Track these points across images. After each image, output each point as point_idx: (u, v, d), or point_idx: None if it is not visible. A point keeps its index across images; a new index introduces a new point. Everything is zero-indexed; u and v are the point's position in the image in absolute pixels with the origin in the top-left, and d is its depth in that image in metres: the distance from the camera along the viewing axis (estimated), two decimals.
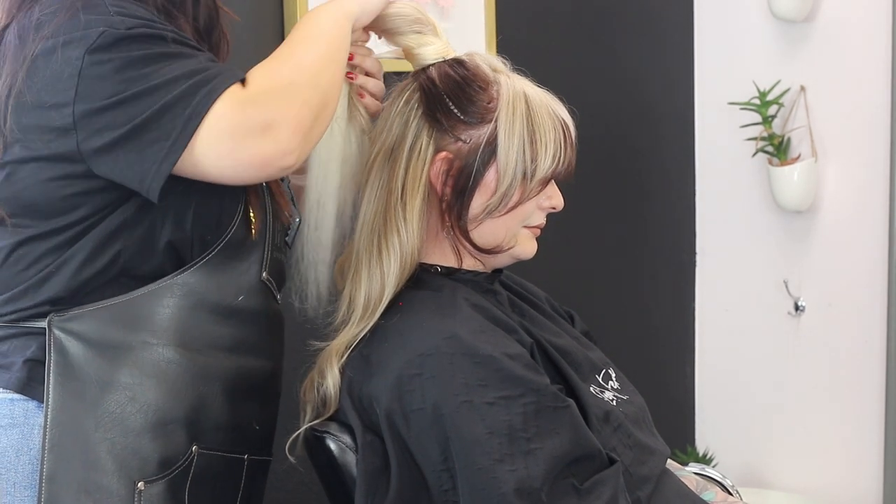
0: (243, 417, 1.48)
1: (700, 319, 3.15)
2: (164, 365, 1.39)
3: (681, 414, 3.15)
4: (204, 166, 1.31)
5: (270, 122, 1.31)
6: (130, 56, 1.29)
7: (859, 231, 2.86)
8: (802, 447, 3.00)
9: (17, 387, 1.37)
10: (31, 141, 1.34)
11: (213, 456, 1.44)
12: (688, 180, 3.10)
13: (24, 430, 1.37)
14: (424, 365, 1.43)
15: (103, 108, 1.29)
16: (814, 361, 2.96)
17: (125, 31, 1.30)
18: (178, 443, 1.40)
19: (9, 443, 1.37)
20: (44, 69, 1.31)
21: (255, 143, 1.30)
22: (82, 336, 1.37)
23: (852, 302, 2.89)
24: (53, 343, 1.36)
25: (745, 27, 2.97)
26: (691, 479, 1.71)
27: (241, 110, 1.30)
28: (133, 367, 1.37)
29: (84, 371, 1.36)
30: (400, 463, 1.43)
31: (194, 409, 1.41)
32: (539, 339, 1.54)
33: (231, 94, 1.30)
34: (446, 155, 1.52)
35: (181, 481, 1.41)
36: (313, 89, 1.37)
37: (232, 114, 1.29)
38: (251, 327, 1.48)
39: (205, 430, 1.43)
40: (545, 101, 1.55)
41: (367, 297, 1.52)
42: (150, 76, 1.29)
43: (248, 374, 1.48)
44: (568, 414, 1.44)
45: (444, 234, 1.55)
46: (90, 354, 1.36)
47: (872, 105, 2.80)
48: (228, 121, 1.29)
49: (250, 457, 1.51)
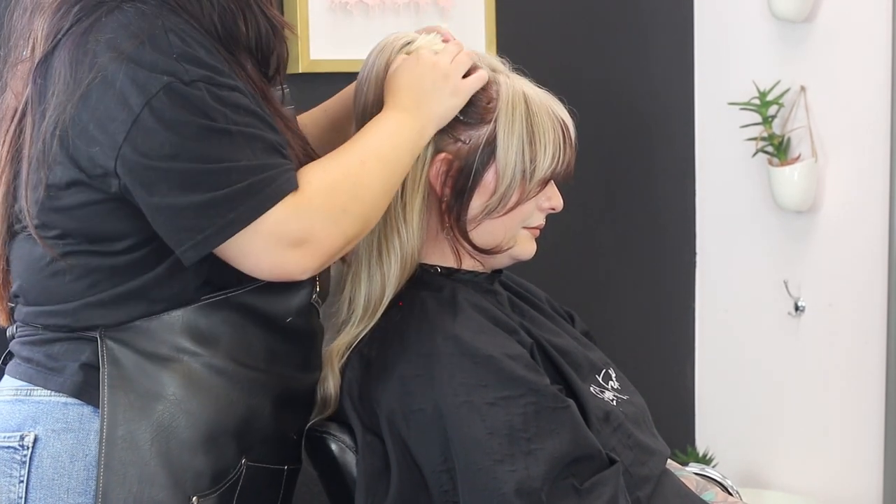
0: (286, 428, 1.49)
1: (700, 319, 3.15)
2: (214, 378, 1.38)
3: (681, 414, 3.14)
4: (228, 254, 1.30)
5: (305, 241, 1.30)
6: (190, 122, 1.25)
7: (859, 231, 2.85)
8: (802, 447, 2.99)
9: (72, 391, 1.35)
10: (71, 168, 1.31)
11: (258, 469, 1.44)
12: (688, 180, 3.10)
13: (80, 435, 1.35)
14: (425, 365, 1.43)
15: (150, 168, 1.26)
16: (814, 361, 2.96)
17: (188, 89, 1.25)
18: (230, 456, 1.40)
19: (63, 448, 1.35)
20: (97, 104, 1.26)
21: (283, 254, 1.30)
22: (134, 346, 1.35)
23: (852, 302, 2.89)
24: (107, 353, 1.34)
25: (744, 27, 2.97)
26: (691, 479, 1.71)
27: (284, 221, 1.28)
28: (185, 379, 1.36)
29: (138, 382, 1.35)
30: (400, 463, 1.43)
31: (245, 422, 1.41)
32: (539, 340, 1.54)
33: (285, 202, 1.29)
34: (445, 156, 1.52)
35: (230, 494, 1.41)
36: (360, 219, 1.36)
37: (275, 220, 1.28)
38: (297, 344, 1.48)
39: (253, 443, 1.42)
40: (545, 102, 1.55)
41: (367, 297, 1.52)
42: (205, 158, 1.25)
43: (291, 387, 1.48)
44: (568, 414, 1.44)
45: (444, 235, 1.55)
46: (143, 364, 1.35)
47: (872, 105, 2.79)
48: (270, 225, 1.28)
49: (289, 467, 1.51)
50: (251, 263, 1.31)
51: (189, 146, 1.25)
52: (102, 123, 1.27)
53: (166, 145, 1.25)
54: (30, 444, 1.36)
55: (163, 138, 1.25)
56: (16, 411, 1.37)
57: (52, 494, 1.35)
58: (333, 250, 1.34)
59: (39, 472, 1.35)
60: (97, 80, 1.26)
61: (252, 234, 1.27)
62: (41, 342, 1.39)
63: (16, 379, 1.40)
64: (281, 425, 1.47)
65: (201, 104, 1.26)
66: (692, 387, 3.17)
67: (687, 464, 2.05)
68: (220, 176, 1.25)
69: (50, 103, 1.30)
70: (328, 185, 1.34)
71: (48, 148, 1.30)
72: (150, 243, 1.34)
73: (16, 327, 1.44)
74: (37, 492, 1.35)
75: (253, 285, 1.39)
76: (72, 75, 1.28)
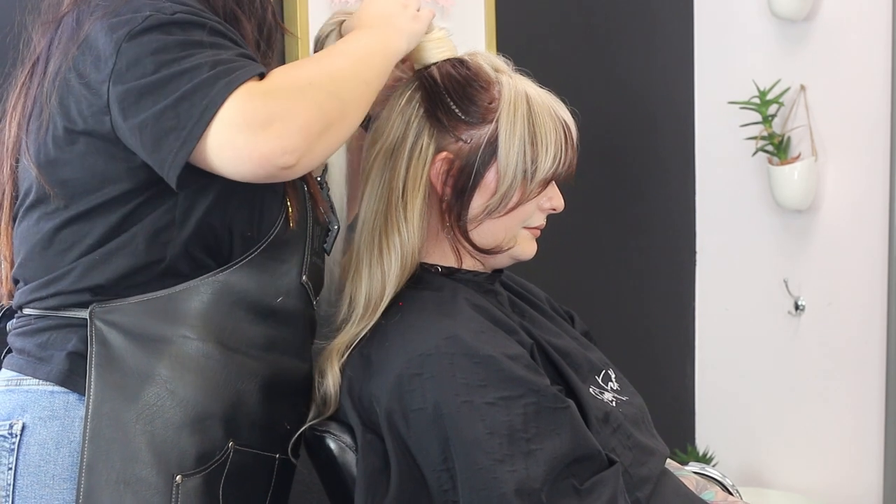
0: (277, 416, 1.49)
1: (700, 319, 3.15)
2: (202, 360, 1.40)
3: (681, 414, 3.15)
4: (209, 157, 1.28)
5: (275, 117, 1.27)
6: (167, 40, 1.29)
7: (859, 230, 2.85)
8: (802, 447, 3.00)
9: (58, 379, 1.38)
10: (72, 118, 1.34)
11: (247, 453, 1.45)
12: (688, 180, 3.10)
13: (65, 422, 1.38)
14: (425, 365, 1.43)
15: (133, 89, 1.28)
16: (814, 361, 2.96)
17: (169, 17, 1.30)
18: (216, 438, 1.41)
19: (49, 435, 1.38)
20: (93, 49, 1.32)
21: (255, 136, 1.26)
22: (123, 328, 1.37)
23: (852, 301, 2.89)
24: (95, 334, 1.37)
25: (744, 26, 2.97)
26: (691, 478, 1.71)
27: (249, 101, 1.27)
28: (172, 361, 1.38)
29: (125, 363, 1.37)
30: (400, 463, 1.43)
31: (232, 406, 1.42)
32: (539, 340, 1.54)
33: (246, 87, 1.27)
34: (447, 155, 1.52)
35: (217, 477, 1.42)
36: (331, 95, 1.33)
37: (241, 105, 1.26)
38: (288, 328, 1.49)
39: (241, 427, 1.44)
40: (547, 102, 1.55)
41: (367, 296, 1.52)
42: (180, 61, 1.28)
43: (283, 374, 1.49)
44: (568, 415, 1.44)
45: (445, 234, 1.56)
46: (131, 346, 1.37)
47: (872, 105, 2.80)
48: (235, 111, 1.26)
49: (281, 456, 1.52)
50: (229, 157, 1.28)
51: (167, 59, 1.28)
52: (96, 64, 1.31)
53: (149, 65, 1.28)
54: (18, 431, 1.38)
55: (143, 60, 1.28)
56: (6, 401, 1.40)
57: (38, 481, 1.38)
58: (313, 125, 1.29)
59: (26, 459, 1.38)
60: (92, 29, 1.33)
61: (220, 124, 1.26)
62: (33, 332, 1.41)
63: (9, 370, 1.43)
64: (271, 412, 1.47)
65: (181, 25, 1.30)
66: (692, 386, 3.17)
67: (687, 463, 2.05)
68: (192, 72, 1.27)
69: (54, 53, 1.37)
70: (289, 68, 1.36)
71: (49, 98, 1.35)
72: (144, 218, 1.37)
73: (14, 321, 1.47)
74: (24, 478, 1.38)
75: (240, 262, 1.41)
76: (76, 29, 1.35)
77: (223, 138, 1.27)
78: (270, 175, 1.30)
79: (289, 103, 1.28)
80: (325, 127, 1.30)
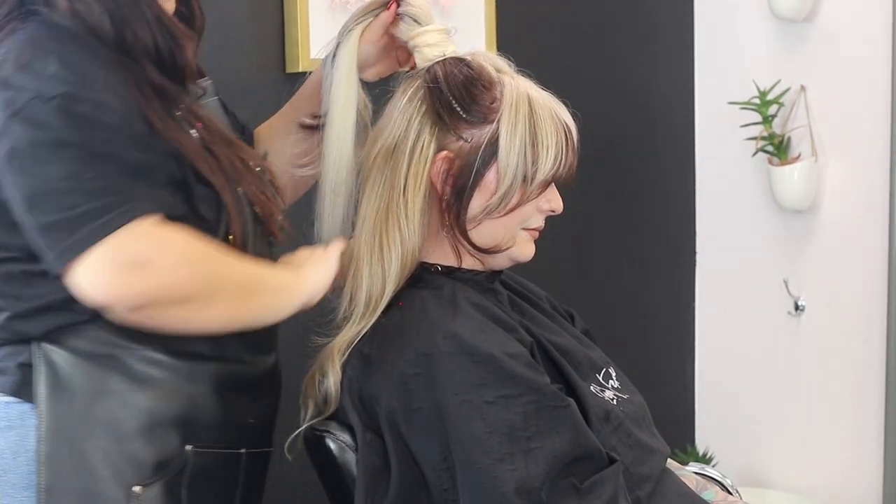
0: (236, 414, 1.49)
1: (700, 319, 3.15)
2: (151, 370, 1.40)
3: (681, 414, 3.15)
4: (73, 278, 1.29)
5: (146, 263, 1.28)
6: (41, 138, 1.28)
7: (859, 231, 2.85)
8: (802, 447, 2.99)
9: (11, 390, 1.39)
10: None
11: (208, 454, 1.45)
12: (688, 180, 3.10)
13: (21, 431, 1.39)
14: (425, 364, 1.43)
15: (12, 183, 1.29)
16: (814, 361, 2.96)
17: (45, 106, 1.28)
18: (172, 444, 1.42)
19: (6, 445, 1.39)
20: None
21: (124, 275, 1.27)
22: (68, 346, 1.38)
23: (852, 302, 2.89)
24: (42, 356, 1.38)
25: (744, 27, 2.97)
26: (691, 478, 1.71)
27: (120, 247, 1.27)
28: (121, 374, 1.39)
29: (73, 381, 1.38)
30: (400, 462, 1.43)
31: (184, 411, 1.42)
32: (539, 338, 1.55)
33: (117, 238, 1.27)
34: (447, 154, 1.52)
35: (177, 481, 1.42)
36: (209, 286, 1.34)
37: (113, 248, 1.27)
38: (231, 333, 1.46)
39: (197, 430, 1.44)
40: (548, 104, 1.55)
41: (368, 294, 1.52)
42: (54, 170, 1.27)
43: (239, 373, 1.48)
44: (568, 413, 1.44)
45: (444, 233, 1.56)
46: (78, 364, 1.38)
47: (872, 105, 2.80)
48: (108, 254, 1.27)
49: (248, 450, 1.51)
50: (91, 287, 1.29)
51: (34, 164, 1.28)
52: None
53: (15, 161, 1.29)
54: None
55: (16, 154, 1.28)
56: None
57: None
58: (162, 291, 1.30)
59: None
60: None
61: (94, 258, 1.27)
62: None
63: None
64: (230, 412, 1.47)
65: (55, 121, 1.29)
66: (692, 386, 3.17)
67: (687, 463, 2.06)
68: (63, 197, 1.28)
69: None
70: (187, 243, 1.33)
71: None
72: None
73: None
74: None
75: None
76: None
77: (93, 271, 1.27)
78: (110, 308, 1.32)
79: (161, 259, 1.29)
80: (180, 299, 1.32)
